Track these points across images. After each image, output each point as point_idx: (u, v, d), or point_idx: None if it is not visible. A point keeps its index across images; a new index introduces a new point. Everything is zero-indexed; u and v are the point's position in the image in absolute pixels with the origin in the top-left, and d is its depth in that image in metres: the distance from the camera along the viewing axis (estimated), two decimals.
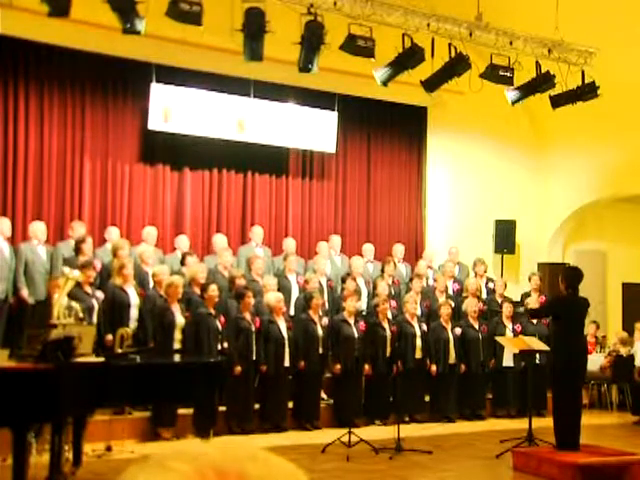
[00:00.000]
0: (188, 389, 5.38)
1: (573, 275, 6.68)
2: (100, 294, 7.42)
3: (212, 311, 7.57)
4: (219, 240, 9.21)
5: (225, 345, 7.60)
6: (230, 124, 9.66)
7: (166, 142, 9.51)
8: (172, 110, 9.25)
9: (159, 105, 9.19)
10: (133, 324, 7.41)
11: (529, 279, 10.04)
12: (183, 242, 9.04)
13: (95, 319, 7.14)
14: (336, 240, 10.13)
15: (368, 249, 10.17)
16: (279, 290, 8.39)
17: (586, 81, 8.81)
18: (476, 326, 9.10)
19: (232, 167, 10.09)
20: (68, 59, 8.95)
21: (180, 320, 7.35)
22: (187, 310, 7.62)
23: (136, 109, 9.43)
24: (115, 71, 9.24)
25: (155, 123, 9.21)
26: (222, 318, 7.68)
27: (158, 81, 9.22)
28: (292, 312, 8.71)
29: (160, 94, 9.22)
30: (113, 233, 8.65)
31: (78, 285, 7.01)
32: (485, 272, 10.32)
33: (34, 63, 8.86)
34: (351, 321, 8.37)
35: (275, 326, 7.89)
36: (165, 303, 7.34)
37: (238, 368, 7.50)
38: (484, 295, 10.00)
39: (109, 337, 7.06)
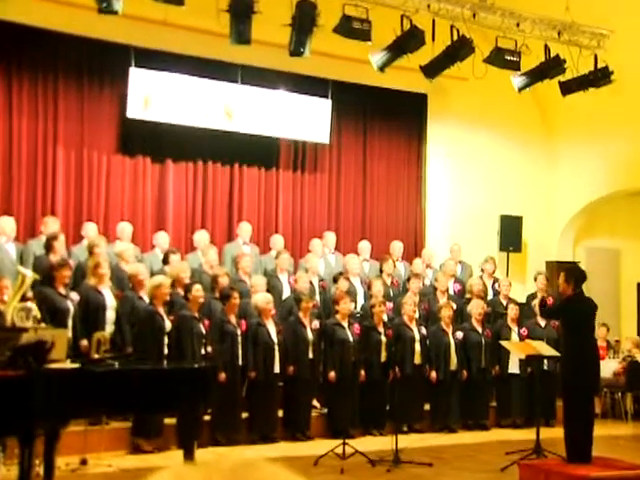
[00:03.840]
0: (170, 397, 5.37)
1: (579, 274, 6.72)
2: (75, 295, 7.38)
3: (196, 313, 7.54)
4: (201, 237, 9.22)
5: (209, 350, 7.57)
6: (216, 112, 9.67)
7: (146, 131, 9.48)
8: (153, 97, 9.23)
9: (139, 91, 9.16)
10: (110, 328, 7.37)
11: (535, 279, 10.05)
12: (163, 239, 9.02)
13: (70, 322, 7.08)
14: (330, 237, 10.14)
15: (364, 247, 10.18)
16: (269, 291, 8.38)
17: (599, 66, 8.82)
18: (479, 329, 9.10)
19: (218, 159, 10.09)
20: (39, 40, 8.87)
21: (168, 324, 7.35)
22: (170, 313, 7.59)
23: (114, 95, 9.40)
24: (91, 54, 9.20)
25: (134, 111, 9.18)
26: (206, 321, 7.66)
27: (137, 65, 9.19)
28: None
29: (140, 79, 9.19)
30: (90, 229, 8.61)
31: (52, 286, 7.00)
32: (494, 271, 10.35)
33: (1, 44, 8.76)
34: (345, 324, 8.36)
35: (264, 329, 7.88)
36: (150, 306, 7.28)
37: (222, 375, 7.48)
38: (490, 296, 10.02)
39: (84, 342, 7.02)
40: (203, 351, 7.50)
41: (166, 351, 7.28)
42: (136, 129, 9.43)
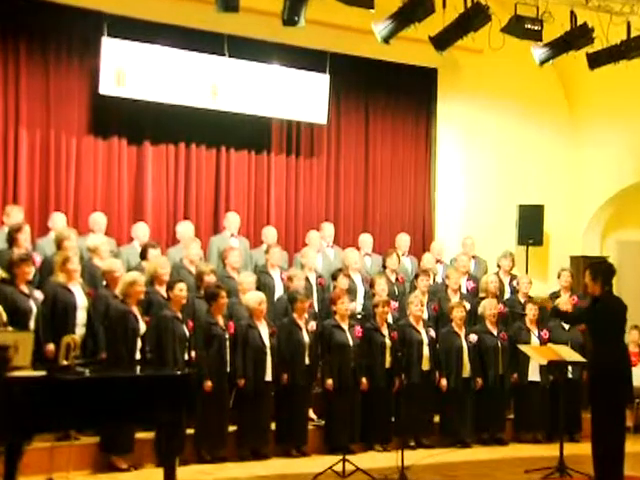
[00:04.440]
0: (149, 408, 5.36)
1: (606, 270, 6.71)
2: (39, 294, 7.31)
3: (178, 314, 7.52)
4: (184, 228, 9.23)
5: (193, 355, 7.58)
6: (200, 89, 9.69)
7: (121, 110, 9.44)
8: (128, 71, 9.20)
9: (112, 65, 9.13)
10: (80, 330, 7.31)
11: (558, 276, 10.05)
12: (142, 231, 9.00)
13: (33, 325, 7.00)
14: (328, 229, 10.14)
15: (365, 240, 10.21)
16: (259, 289, 8.39)
17: (632, 35, 8.74)
18: (495, 332, 9.09)
19: (202, 141, 10.08)
20: None
21: (142, 326, 7.33)
22: (147, 313, 7.56)
23: (84, 69, 9.36)
24: (57, 22, 9.13)
25: (107, 87, 9.15)
26: (190, 322, 7.64)
27: (110, 35, 9.15)
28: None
29: (113, 51, 9.16)
30: (58, 220, 8.58)
31: (11, 284, 6.93)
32: (512, 268, 10.35)
33: None
34: (344, 326, 8.36)
35: (255, 332, 7.86)
36: (123, 305, 7.24)
37: (209, 383, 7.46)
38: (507, 295, 10.04)
39: (51, 346, 6.96)
40: (186, 356, 7.48)
41: (139, 356, 7.23)
42: (109, 107, 9.36)
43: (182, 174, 9.95)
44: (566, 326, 9.26)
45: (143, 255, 8.46)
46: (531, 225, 11.44)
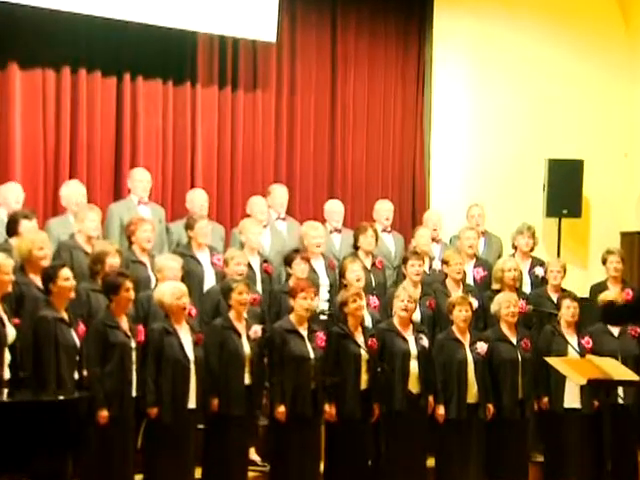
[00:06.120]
0: (18, 450, 5.54)
1: None
2: None
3: (64, 314, 7.46)
4: (74, 191, 9.13)
5: (84, 373, 7.51)
6: None
7: None
8: None
9: None
10: None
11: (603, 261, 10.15)
12: (12, 193, 8.89)
13: None
14: (279, 194, 10.24)
15: (333, 209, 10.30)
16: (183, 279, 8.34)
17: None
18: (514, 339, 9.13)
19: (96, 65, 10.05)
20: None
21: (11, 332, 7.23)
22: (17, 313, 7.48)
23: None
24: None
25: None
26: (81, 326, 7.59)
27: None
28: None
29: None
30: None
31: None
32: (532, 249, 10.34)
33: None
34: (303, 331, 8.37)
35: (173, 339, 7.82)
36: None
37: (104, 413, 7.36)
38: (527, 287, 10.06)
39: None
40: (77, 374, 7.44)
41: (8, 374, 7.11)
42: None
43: (66, 112, 9.90)
44: (615, 331, 9.31)
45: (11, 229, 8.37)
46: (566, 188, 11.54)
